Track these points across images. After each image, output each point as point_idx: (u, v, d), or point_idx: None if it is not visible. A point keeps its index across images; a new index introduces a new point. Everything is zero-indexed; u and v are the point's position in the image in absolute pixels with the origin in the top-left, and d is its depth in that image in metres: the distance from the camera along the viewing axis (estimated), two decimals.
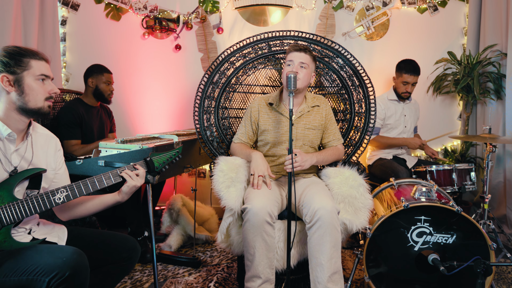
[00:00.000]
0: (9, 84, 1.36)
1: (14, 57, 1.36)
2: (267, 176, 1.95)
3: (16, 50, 1.38)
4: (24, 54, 1.38)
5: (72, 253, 1.26)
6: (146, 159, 1.59)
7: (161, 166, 1.63)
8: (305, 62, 2.04)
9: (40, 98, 1.41)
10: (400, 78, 2.95)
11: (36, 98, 1.40)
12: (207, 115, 2.38)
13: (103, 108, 2.94)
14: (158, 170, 1.63)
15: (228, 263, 2.53)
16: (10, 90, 1.36)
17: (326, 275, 1.73)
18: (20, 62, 1.37)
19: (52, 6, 3.15)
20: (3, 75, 1.35)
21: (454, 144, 3.51)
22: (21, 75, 1.37)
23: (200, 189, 3.39)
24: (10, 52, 1.37)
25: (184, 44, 3.40)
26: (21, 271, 1.22)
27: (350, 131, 2.42)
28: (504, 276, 2.36)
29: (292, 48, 2.07)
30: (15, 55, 1.37)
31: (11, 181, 1.36)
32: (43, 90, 1.41)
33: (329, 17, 3.36)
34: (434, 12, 3.40)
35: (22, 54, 1.38)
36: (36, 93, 1.39)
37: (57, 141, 1.60)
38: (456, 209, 1.86)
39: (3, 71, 1.36)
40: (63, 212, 1.60)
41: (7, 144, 1.38)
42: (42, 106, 1.42)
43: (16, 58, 1.37)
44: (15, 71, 1.36)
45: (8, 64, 1.35)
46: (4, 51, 1.38)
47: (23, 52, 1.39)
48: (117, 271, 1.57)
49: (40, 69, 1.40)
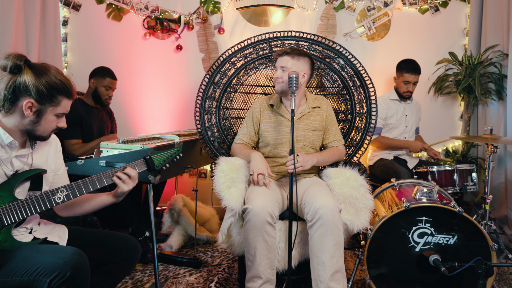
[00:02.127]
0: (31, 111, 1.34)
1: (52, 91, 1.33)
2: (267, 175, 1.95)
3: (57, 85, 1.34)
4: (60, 91, 1.35)
5: (73, 254, 1.26)
6: (146, 158, 1.58)
7: (161, 164, 1.62)
8: (285, 65, 2.03)
9: (48, 130, 1.41)
10: (401, 77, 2.96)
11: (45, 129, 1.40)
12: (208, 115, 2.38)
13: (104, 109, 2.94)
14: (159, 169, 1.61)
15: (229, 263, 2.53)
16: (28, 115, 1.33)
17: (328, 274, 1.72)
18: (54, 98, 1.35)
19: (53, 7, 3.16)
20: (30, 100, 1.31)
21: (455, 145, 3.51)
22: (46, 109, 1.35)
23: (201, 190, 3.38)
24: (51, 85, 1.33)
25: (185, 45, 3.40)
26: (22, 271, 1.22)
27: (351, 131, 2.42)
28: (505, 277, 2.35)
29: (276, 54, 2.10)
30: (53, 90, 1.33)
31: (12, 181, 1.36)
32: (54, 124, 1.41)
33: (330, 18, 3.36)
34: (435, 12, 3.39)
35: (60, 90, 1.35)
36: (48, 127, 1.40)
37: (57, 142, 1.61)
38: (457, 209, 1.85)
39: (33, 97, 1.31)
40: (61, 210, 1.61)
41: (8, 150, 1.38)
42: (46, 136, 1.43)
43: (52, 93, 1.34)
44: (44, 103, 1.33)
45: (42, 95, 1.32)
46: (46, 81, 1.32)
47: (61, 89, 1.35)
48: (117, 271, 1.56)
49: (65, 108, 1.40)
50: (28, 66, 1.33)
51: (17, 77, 1.31)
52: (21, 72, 1.31)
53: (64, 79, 1.37)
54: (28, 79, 1.31)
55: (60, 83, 1.35)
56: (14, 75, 1.31)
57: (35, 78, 1.31)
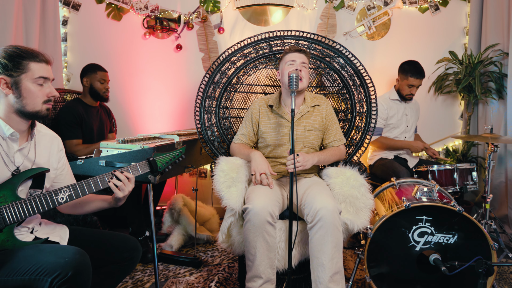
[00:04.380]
0: (7, 86, 1.34)
1: (13, 59, 1.33)
2: (269, 174, 1.95)
3: (16, 51, 1.35)
4: (23, 56, 1.35)
5: (75, 253, 1.26)
6: (149, 160, 1.57)
7: (164, 166, 1.61)
8: (306, 63, 2.08)
9: (38, 102, 1.38)
10: (406, 80, 2.94)
11: (34, 101, 1.37)
12: (208, 115, 2.38)
13: (102, 108, 2.94)
14: (161, 171, 1.60)
15: (229, 263, 2.53)
16: (7, 92, 1.35)
17: (328, 275, 1.72)
18: (19, 64, 1.34)
19: (53, 6, 3.15)
20: (1, 77, 1.33)
21: (455, 144, 3.50)
22: (19, 78, 1.34)
23: (201, 189, 3.39)
24: (9, 54, 1.34)
25: (185, 44, 3.40)
26: (23, 270, 1.22)
27: (351, 131, 2.41)
28: (505, 276, 2.35)
29: (293, 48, 2.10)
30: (14, 57, 1.33)
31: (14, 180, 1.36)
32: (41, 93, 1.38)
33: (330, 17, 3.36)
34: (436, 11, 3.39)
35: (22, 56, 1.34)
36: (34, 97, 1.37)
37: (59, 141, 1.60)
38: (457, 209, 1.85)
39: (1, 73, 1.33)
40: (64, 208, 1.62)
41: (10, 144, 1.38)
42: (40, 109, 1.39)
43: (15, 61, 1.33)
44: (12, 74, 1.33)
45: (6, 67, 1.33)
46: (3, 52, 1.34)
47: (23, 54, 1.35)
48: (118, 271, 1.57)
49: (39, 71, 1.37)
50: None
51: None
52: None
53: (24, 47, 1.37)
54: None
55: (17, 50, 1.35)
56: None
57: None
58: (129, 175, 1.49)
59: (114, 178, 1.45)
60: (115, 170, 1.48)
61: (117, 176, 1.46)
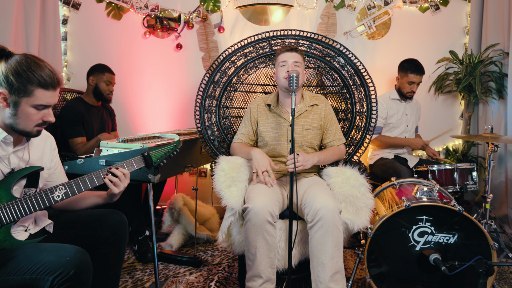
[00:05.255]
0: (5, 101, 1.29)
1: (21, 80, 1.27)
2: (270, 171, 1.95)
3: (26, 73, 1.27)
4: (31, 81, 1.27)
5: (76, 252, 1.26)
6: (144, 154, 1.59)
7: (159, 160, 1.62)
8: (298, 61, 2.06)
9: (31, 125, 1.34)
10: (406, 78, 2.94)
11: (26, 124, 1.33)
12: (208, 114, 2.37)
13: (104, 108, 2.94)
14: (156, 165, 1.62)
15: (229, 262, 2.53)
16: (4, 106, 1.30)
17: (328, 275, 1.72)
18: (25, 88, 1.28)
19: (53, 5, 3.15)
20: (1, 91, 1.28)
21: (455, 144, 3.50)
22: (19, 100, 1.29)
23: (201, 189, 3.38)
24: (19, 73, 1.27)
25: (185, 43, 3.40)
26: (24, 270, 1.22)
27: (351, 130, 2.41)
28: (505, 276, 2.35)
29: (284, 48, 2.09)
30: (22, 78, 1.27)
31: (9, 179, 1.36)
32: (37, 117, 1.33)
33: (330, 16, 3.36)
34: (436, 11, 3.38)
35: (30, 80, 1.27)
36: (28, 120, 1.32)
37: (52, 140, 1.60)
38: (457, 208, 1.85)
39: (4, 87, 1.27)
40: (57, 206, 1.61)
41: (4, 147, 1.37)
42: (31, 130, 1.36)
43: (21, 82, 1.27)
44: (15, 94, 1.28)
45: (12, 85, 1.27)
46: (15, 67, 1.27)
47: (33, 78, 1.28)
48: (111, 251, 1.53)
49: (42, 100, 1.31)
50: (3, 55, 1.30)
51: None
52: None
53: (39, 69, 1.30)
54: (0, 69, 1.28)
55: (29, 71, 1.28)
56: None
57: (6, 68, 1.27)
58: (124, 171, 1.50)
59: (109, 175, 1.47)
60: (110, 167, 1.48)
61: (112, 172, 1.47)
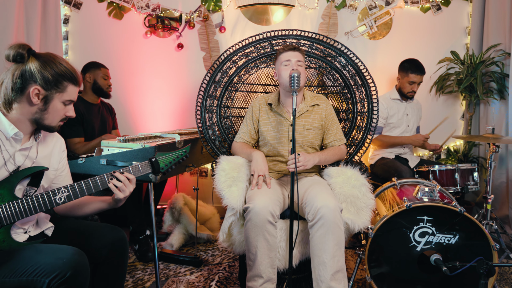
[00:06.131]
0: (38, 98, 1.35)
1: (57, 77, 1.35)
2: (267, 175, 1.96)
3: (59, 69, 1.35)
4: (66, 77, 1.37)
5: (73, 254, 1.25)
6: (151, 160, 1.51)
7: (167, 167, 1.54)
8: (301, 60, 2.07)
9: (57, 120, 1.42)
10: (406, 78, 2.93)
11: (54, 118, 1.41)
12: (209, 114, 2.37)
13: (104, 106, 2.94)
14: (164, 171, 1.54)
15: (229, 262, 2.53)
16: (35, 102, 1.35)
17: (329, 274, 1.72)
18: (60, 84, 1.36)
19: (54, 5, 3.15)
20: (37, 87, 1.33)
21: (456, 144, 3.50)
22: (52, 95, 1.37)
23: (202, 188, 3.38)
24: (54, 70, 1.34)
25: (186, 43, 3.40)
26: (21, 271, 1.21)
27: (352, 130, 2.41)
28: (506, 277, 2.35)
29: (287, 48, 2.09)
30: (58, 75, 1.35)
31: (13, 179, 1.34)
32: (62, 113, 1.42)
33: (331, 16, 3.36)
34: (437, 11, 3.38)
35: (65, 76, 1.37)
36: (56, 115, 1.40)
37: (62, 142, 1.60)
38: (458, 209, 1.85)
39: (39, 84, 1.34)
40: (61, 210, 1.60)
41: (13, 143, 1.37)
42: (55, 125, 1.43)
43: (58, 79, 1.35)
44: (49, 89, 1.35)
45: (48, 81, 1.34)
46: (49, 63, 1.34)
47: (67, 75, 1.37)
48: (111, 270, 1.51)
49: (72, 95, 1.41)
50: (32, 54, 1.35)
51: (23, 66, 1.34)
52: (25, 60, 1.34)
53: (69, 66, 1.39)
54: (33, 66, 1.34)
55: (65, 69, 1.37)
56: (20, 64, 1.34)
57: (40, 65, 1.34)
58: (129, 176, 1.45)
59: (114, 179, 1.42)
60: (115, 171, 1.44)
61: (117, 177, 1.43)
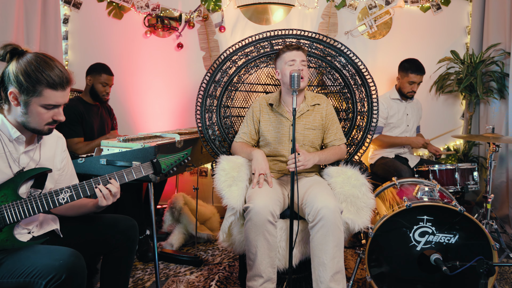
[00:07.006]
0: (16, 100, 1.31)
1: (31, 80, 1.28)
2: (268, 174, 1.95)
3: (36, 74, 1.28)
4: (40, 81, 1.28)
5: (70, 255, 1.24)
6: (153, 161, 1.51)
7: (168, 168, 1.55)
8: (305, 60, 2.08)
9: (41, 123, 1.36)
10: (406, 78, 2.93)
11: (37, 122, 1.35)
12: (209, 113, 2.37)
13: (103, 106, 2.93)
14: (165, 173, 1.54)
15: (229, 262, 2.53)
16: (16, 105, 1.32)
17: (329, 275, 1.72)
18: (34, 88, 1.28)
19: (54, 5, 3.15)
20: (12, 91, 1.29)
21: (456, 144, 3.50)
22: (29, 100, 1.30)
23: (202, 188, 3.38)
24: (28, 73, 1.27)
25: (186, 43, 3.40)
26: (18, 273, 1.21)
27: (352, 130, 2.41)
28: (506, 276, 2.35)
29: (291, 47, 2.08)
30: (32, 79, 1.27)
31: (17, 179, 1.35)
32: (47, 116, 1.35)
33: (331, 16, 3.35)
34: (437, 10, 3.38)
35: (39, 80, 1.28)
36: (39, 119, 1.34)
37: (64, 141, 1.60)
38: (459, 208, 1.85)
39: (14, 87, 1.29)
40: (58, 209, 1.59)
41: (16, 146, 1.38)
42: (42, 129, 1.37)
43: (31, 82, 1.28)
44: (26, 93, 1.29)
45: (21, 85, 1.28)
46: (25, 67, 1.28)
47: (42, 78, 1.28)
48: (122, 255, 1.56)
49: (51, 100, 1.32)
50: (16, 54, 1.31)
51: (6, 67, 1.31)
52: (6, 61, 1.30)
53: (48, 69, 1.30)
54: (11, 68, 1.30)
55: (40, 74, 1.28)
56: (7, 64, 1.31)
57: (16, 68, 1.29)
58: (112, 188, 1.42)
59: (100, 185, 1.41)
60: (110, 177, 1.43)
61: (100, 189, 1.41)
